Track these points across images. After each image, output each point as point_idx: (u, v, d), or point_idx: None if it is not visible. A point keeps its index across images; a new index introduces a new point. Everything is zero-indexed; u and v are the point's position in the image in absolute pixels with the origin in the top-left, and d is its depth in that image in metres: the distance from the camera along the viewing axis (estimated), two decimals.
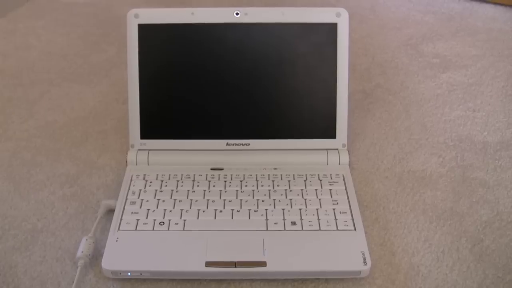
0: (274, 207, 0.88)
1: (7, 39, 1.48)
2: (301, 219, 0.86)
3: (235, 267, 0.79)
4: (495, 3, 1.60)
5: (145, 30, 0.94)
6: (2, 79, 1.30)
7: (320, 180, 0.93)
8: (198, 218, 0.86)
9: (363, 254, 0.80)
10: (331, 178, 0.94)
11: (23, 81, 1.29)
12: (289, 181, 0.93)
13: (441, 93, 1.21)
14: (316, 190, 0.91)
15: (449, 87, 1.24)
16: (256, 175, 0.94)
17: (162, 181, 0.93)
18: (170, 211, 0.88)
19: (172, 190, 0.91)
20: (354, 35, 1.05)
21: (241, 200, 0.89)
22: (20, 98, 1.22)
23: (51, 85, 1.27)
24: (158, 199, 0.90)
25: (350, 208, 0.88)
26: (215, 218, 0.86)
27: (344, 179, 0.94)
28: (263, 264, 0.79)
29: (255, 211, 0.87)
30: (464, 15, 1.55)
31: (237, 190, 0.91)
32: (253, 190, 0.91)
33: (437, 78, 1.27)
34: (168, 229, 0.85)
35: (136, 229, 0.85)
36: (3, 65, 1.36)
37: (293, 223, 0.85)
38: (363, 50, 1.39)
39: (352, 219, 0.86)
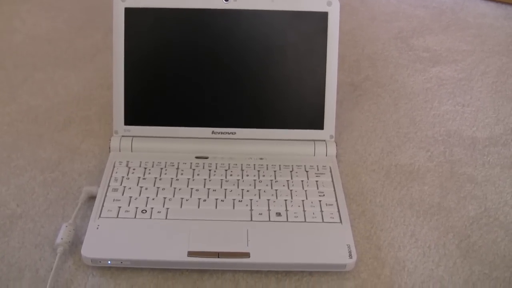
0: (259, 198, 0.87)
1: None
2: (286, 210, 0.85)
3: (218, 257, 0.78)
4: None
5: (131, 14, 0.93)
6: None
7: (307, 171, 0.92)
8: (181, 207, 0.85)
9: (349, 247, 0.79)
10: (317, 170, 0.92)
11: (6, 65, 1.26)
12: (275, 171, 0.92)
13: (431, 87, 1.20)
14: (302, 181, 0.90)
15: (438, 81, 1.23)
16: (242, 164, 0.93)
17: (145, 168, 0.92)
18: (153, 199, 0.86)
19: (156, 178, 0.90)
20: (344, 26, 1.04)
21: (225, 189, 0.88)
22: (2, 81, 1.20)
23: (35, 70, 1.25)
24: (141, 187, 0.88)
25: (337, 201, 0.87)
26: (198, 207, 0.85)
27: (331, 171, 0.92)
28: (246, 255, 0.78)
29: (239, 201, 0.86)
30: (455, 10, 1.54)
31: (221, 179, 0.90)
32: (238, 180, 0.90)
33: (426, 72, 1.26)
34: (151, 218, 0.83)
35: (117, 217, 0.83)
36: None
37: (278, 214, 0.84)
38: (352, 42, 1.38)
39: (338, 211, 0.85)
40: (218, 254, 0.78)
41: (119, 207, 0.85)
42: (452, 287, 0.78)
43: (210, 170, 0.92)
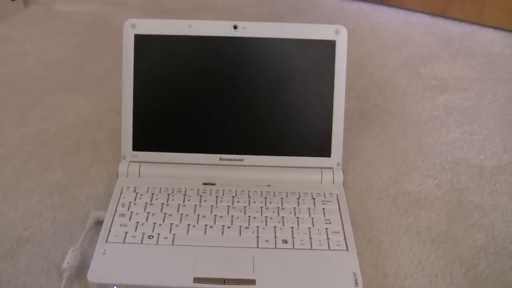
0: (266, 224, 0.87)
1: (3, 45, 1.47)
2: (292, 237, 0.85)
3: (224, 284, 0.77)
4: (495, 27, 1.60)
5: (141, 41, 0.93)
6: None
7: (313, 199, 0.92)
8: (188, 233, 0.85)
9: (355, 275, 0.79)
10: (324, 197, 0.92)
11: (17, 88, 1.28)
12: (281, 198, 0.92)
13: (439, 115, 1.20)
14: (309, 208, 0.90)
15: (446, 109, 1.23)
16: (249, 191, 0.93)
17: (152, 194, 0.92)
18: (160, 224, 0.86)
19: (163, 204, 0.90)
20: (353, 54, 1.05)
21: (232, 216, 0.88)
22: (13, 105, 1.21)
23: (45, 93, 1.26)
24: (148, 212, 0.88)
25: (343, 228, 0.87)
26: (205, 233, 0.85)
27: (337, 199, 0.92)
28: (252, 282, 0.77)
29: (246, 227, 0.86)
30: (464, 38, 1.55)
31: (228, 206, 0.90)
32: (245, 207, 0.90)
33: (434, 100, 1.26)
34: (157, 243, 0.83)
35: (124, 242, 0.83)
36: None
37: (285, 241, 0.84)
38: (361, 70, 1.38)
39: (345, 239, 0.85)
40: (224, 281, 0.78)
41: (126, 232, 0.85)
42: None
43: (217, 196, 0.92)
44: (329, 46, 0.93)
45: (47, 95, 1.25)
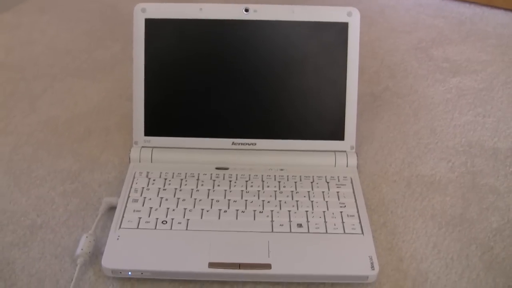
0: (280, 209, 0.86)
1: (11, 33, 1.47)
2: (307, 221, 0.84)
3: (239, 268, 0.77)
4: (506, 9, 1.58)
5: (152, 25, 0.93)
6: (5, 74, 1.28)
7: (328, 182, 0.91)
8: (201, 217, 0.85)
9: (371, 258, 0.78)
10: (338, 181, 0.92)
11: (26, 76, 1.27)
12: (295, 182, 0.91)
13: (451, 98, 1.19)
14: (323, 192, 0.89)
15: (459, 91, 1.22)
16: (262, 175, 0.92)
17: (165, 179, 0.91)
18: (173, 210, 0.86)
19: (176, 189, 0.90)
20: (363, 37, 1.04)
21: (246, 200, 0.87)
22: (23, 92, 1.21)
23: (54, 80, 1.25)
24: (161, 198, 0.88)
25: (358, 212, 0.86)
26: (219, 218, 0.85)
27: (352, 182, 0.92)
28: (267, 266, 0.77)
29: (260, 212, 0.85)
30: (475, 20, 1.53)
31: (242, 190, 0.89)
32: (258, 191, 0.89)
33: (446, 82, 1.25)
34: (171, 228, 0.83)
35: (137, 228, 0.83)
36: (7, 60, 1.34)
37: (299, 225, 0.83)
38: (372, 53, 1.37)
39: (360, 222, 0.84)
40: (239, 266, 0.77)
41: (139, 218, 0.84)
42: None
43: (230, 181, 0.91)
44: (342, 28, 0.92)
45: (56, 82, 1.25)
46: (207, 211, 0.85)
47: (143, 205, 0.87)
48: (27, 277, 0.80)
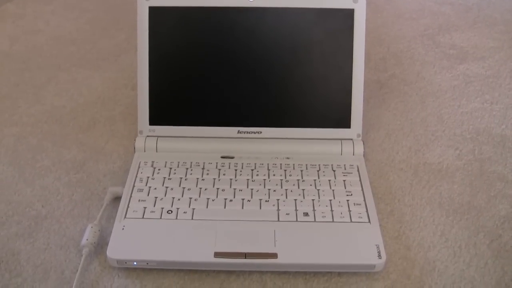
0: (286, 197, 0.85)
1: (15, 23, 1.46)
2: (313, 210, 0.83)
3: (245, 258, 0.77)
4: None
5: (156, 13, 0.92)
6: (9, 64, 1.28)
7: (334, 171, 0.91)
8: (207, 207, 0.84)
9: (378, 247, 0.78)
10: (345, 169, 0.91)
11: (30, 66, 1.27)
12: (301, 171, 0.90)
13: (458, 85, 1.18)
14: (329, 180, 0.89)
15: (466, 78, 1.21)
16: (268, 164, 0.92)
17: (170, 168, 0.91)
18: (179, 199, 0.85)
19: (181, 178, 0.89)
20: (369, 24, 1.03)
21: (252, 189, 0.87)
22: (27, 83, 1.20)
23: (59, 70, 1.25)
24: (167, 187, 0.87)
25: (365, 200, 0.85)
26: (225, 207, 0.84)
27: (358, 170, 0.91)
28: (274, 256, 0.77)
29: (266, 201, 0.85)
30: (482, 6, 1.52)
31: (248, 179, 0.89)
32: (264, 180, 0.89)
33: (453, 69, 1.24)
34: (176, 218, 0.82)
35: (143, 217, 0.83)
36: (11, 50, 1.34)
37: (306, 214, 0.83)
38: (378, 40, 1.36)
39: (367, 211, 0.83)
40: (245, 255, 0.77)
41: (145, 208, 0.84)
42: None
43: (236, 170, 0.91)
44: (348, 15, 0.91)
45: (61, 72, 1.24)
46: (213, 200, 0.85)
47: (148, 195, 0.86)
48: (32, 268, 0.79)
